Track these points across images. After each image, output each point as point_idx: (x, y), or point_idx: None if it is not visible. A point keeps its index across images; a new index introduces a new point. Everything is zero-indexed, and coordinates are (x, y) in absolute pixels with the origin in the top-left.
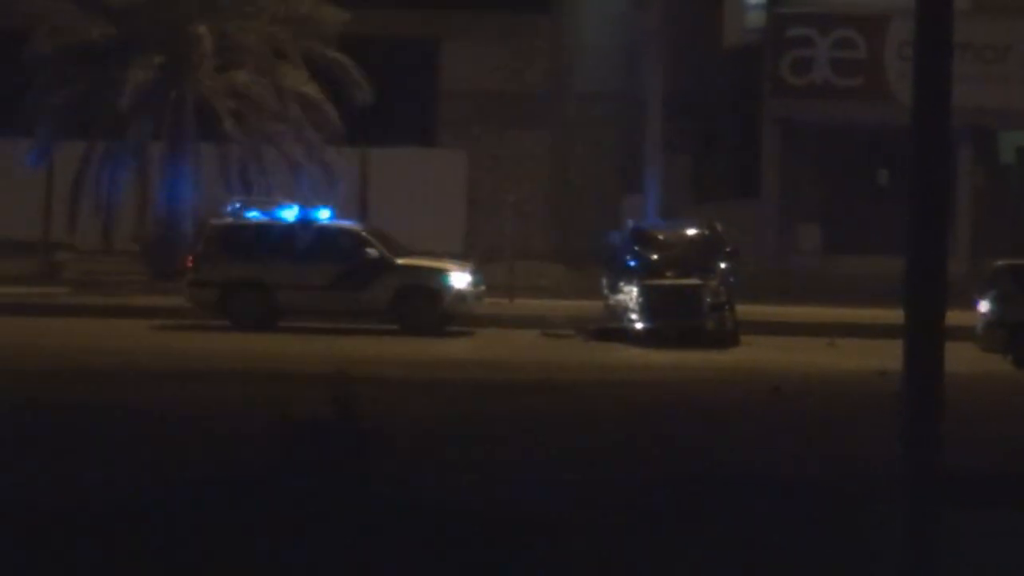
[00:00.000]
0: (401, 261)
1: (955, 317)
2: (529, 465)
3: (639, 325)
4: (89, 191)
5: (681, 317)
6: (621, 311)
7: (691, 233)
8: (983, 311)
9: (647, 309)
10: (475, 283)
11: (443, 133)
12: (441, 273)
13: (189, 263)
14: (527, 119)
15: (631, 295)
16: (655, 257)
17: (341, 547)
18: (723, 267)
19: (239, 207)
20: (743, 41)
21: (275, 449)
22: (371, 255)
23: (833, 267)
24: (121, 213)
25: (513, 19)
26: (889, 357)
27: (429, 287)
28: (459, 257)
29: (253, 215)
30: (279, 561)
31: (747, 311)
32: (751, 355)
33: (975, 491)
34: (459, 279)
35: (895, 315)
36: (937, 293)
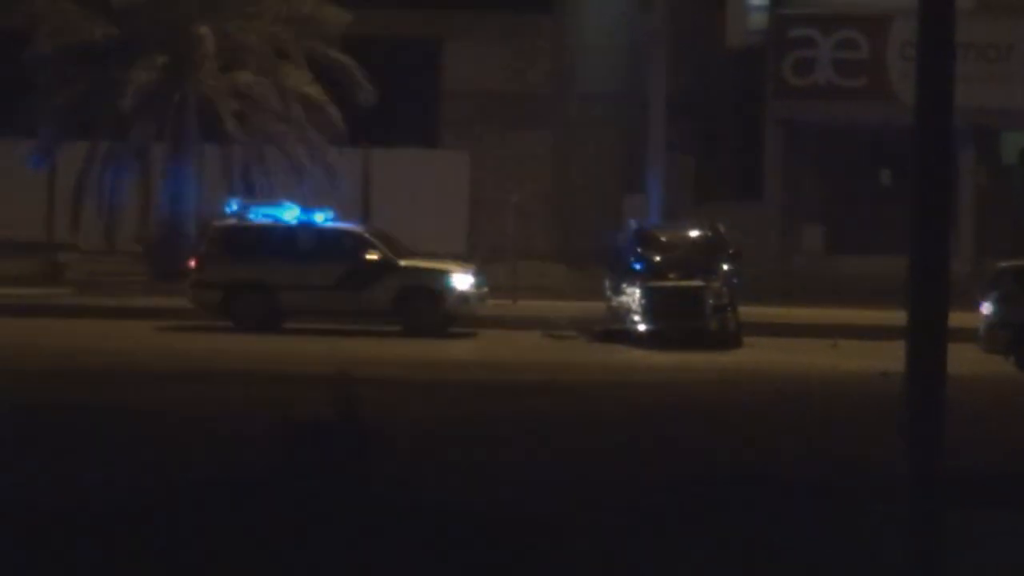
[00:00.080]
0: (403, 262)
1: (957, 318)
2: (532, 466)
3: (642, 326)
4: (92, 192)
5: (684, 319)
6: (624, 312)
7: (694, 234)
8: (985, 312)
9: (650, 311)
10: (477, 284)
11: (445, 133)
12: (443, 274)
13: (192, 264)
14: (529, 119)
15: (634, 296)
16: (658, 258)
17: (342, 548)
18: (726, 268)
19: (238, 208)
20: (745, 42)
21: (277, 450)
22: (373, 256)
23: (835, 268)
24: (123, 214)
25: (515, 19)
26: (891, 358)
27: (431, 288)
28: (461, 258)
29: (255, 213)
30: (280, 562)
31: (750, 312)
32: (754, 356)
33: (977, 492)
34: (461, 280)
35: (897, 316)
36: (939, 294)
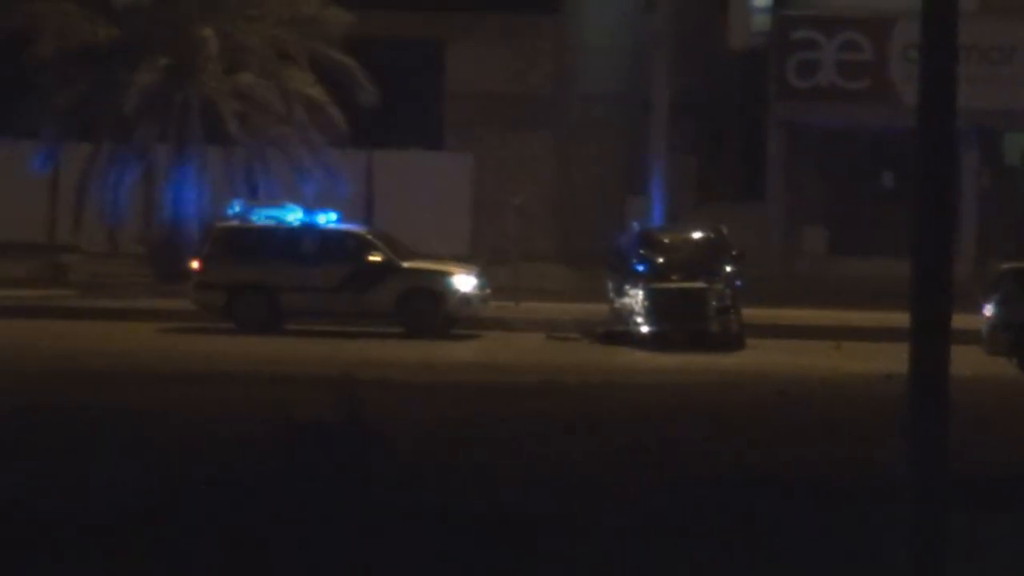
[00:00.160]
0: (406, 264)
1: (960, 320)
2: (533, 468)
3: (644, 328)
4: (94, 194)
5: (686, 320)
6: (627, 314)
7: (696, 236)
8: (988, 314)
9: (653, 312)
10: (480, 286)
11: (447, 135)
12: (445, 276)
13: (194, 266)
14: (531, 120)
15: (636, 298)
16: (660, 260)
17: (344, 549)
18: (728, 270)
19: (241, 209)
20: (748, 44)
21: (278, 452)
22: (376, 258)
23: (838, 269)
24: (126, 216)
25: (517, 20)
26: (894, 360)
27: (433, 290)
28: (464, 259)
29: (257, 215)
30: (282, 563)
31: (752, 314)
32: (756, 358)
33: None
34: (464, 282)
35: (900, 318)
36: (942, 296)
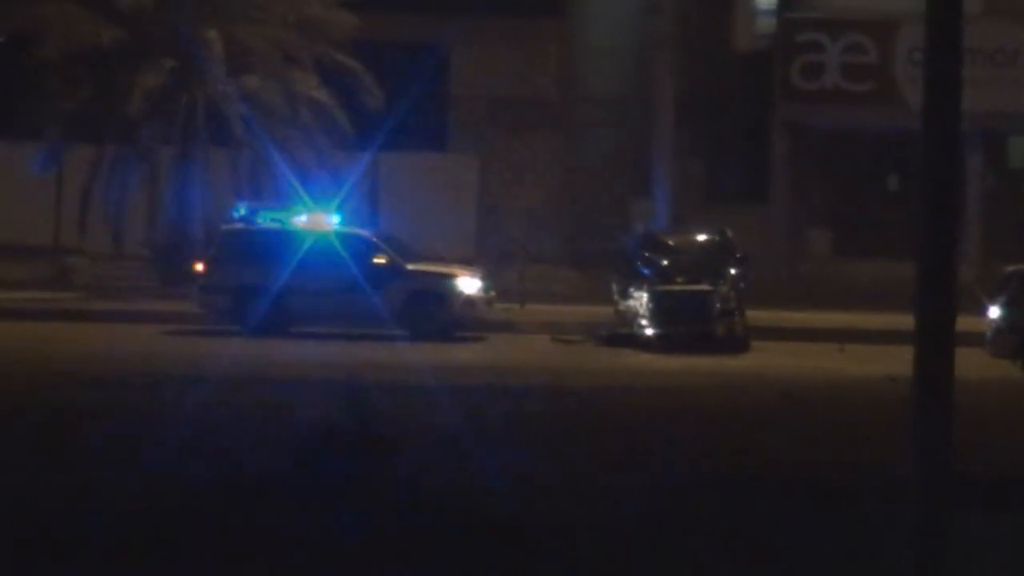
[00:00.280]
0: (411, 266)
1: (965, 322)
2: (536, 469)
3: (649, 331)
4: (99, 196)
5: (691, 323)
6: (632, 317)
7: (701, 238)
8: (993, 316)
9: (657, 315)
10: (485, 288)
11: (453, 138)
12: (451, 278)
13: (199, 268)
14: (536, 123)
15: (641, 301)
16: (665, 262)
17: (347, 551)
18: (733, 272)
19: (246, 212)
20: (753, 46)
21: (283, 454)
22: (381, 260)
23: (843, 272)
24: (131, 218)
25: (521, 24)
26: (899, 362)
27: (439, 292)
28: (469, 262)
29: (262, 218)
30: (284, 564)
31: (757, 316)
32: (761, 360)
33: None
34: (469, 284)
35: (905, 320)
36: (947, 298)
